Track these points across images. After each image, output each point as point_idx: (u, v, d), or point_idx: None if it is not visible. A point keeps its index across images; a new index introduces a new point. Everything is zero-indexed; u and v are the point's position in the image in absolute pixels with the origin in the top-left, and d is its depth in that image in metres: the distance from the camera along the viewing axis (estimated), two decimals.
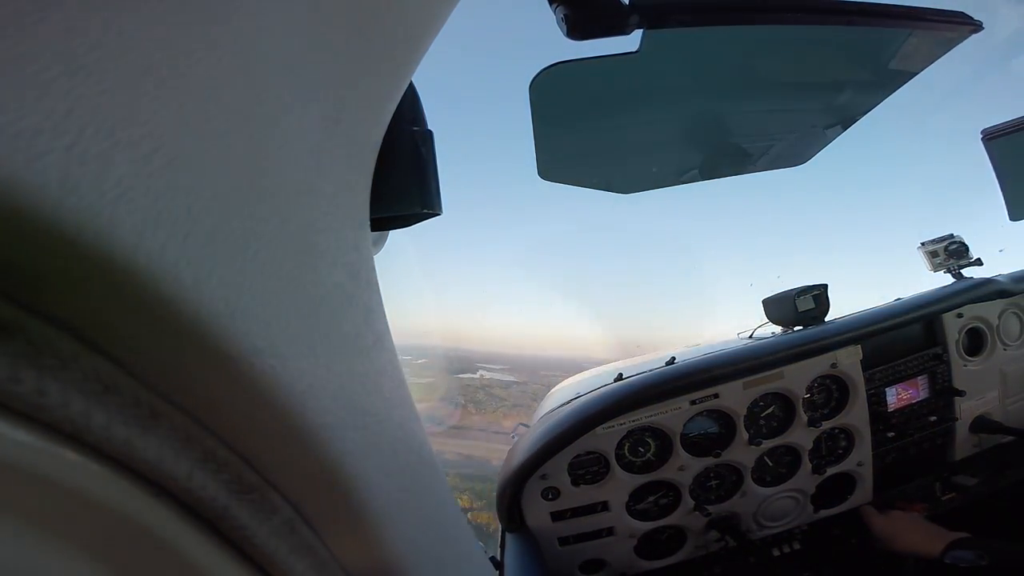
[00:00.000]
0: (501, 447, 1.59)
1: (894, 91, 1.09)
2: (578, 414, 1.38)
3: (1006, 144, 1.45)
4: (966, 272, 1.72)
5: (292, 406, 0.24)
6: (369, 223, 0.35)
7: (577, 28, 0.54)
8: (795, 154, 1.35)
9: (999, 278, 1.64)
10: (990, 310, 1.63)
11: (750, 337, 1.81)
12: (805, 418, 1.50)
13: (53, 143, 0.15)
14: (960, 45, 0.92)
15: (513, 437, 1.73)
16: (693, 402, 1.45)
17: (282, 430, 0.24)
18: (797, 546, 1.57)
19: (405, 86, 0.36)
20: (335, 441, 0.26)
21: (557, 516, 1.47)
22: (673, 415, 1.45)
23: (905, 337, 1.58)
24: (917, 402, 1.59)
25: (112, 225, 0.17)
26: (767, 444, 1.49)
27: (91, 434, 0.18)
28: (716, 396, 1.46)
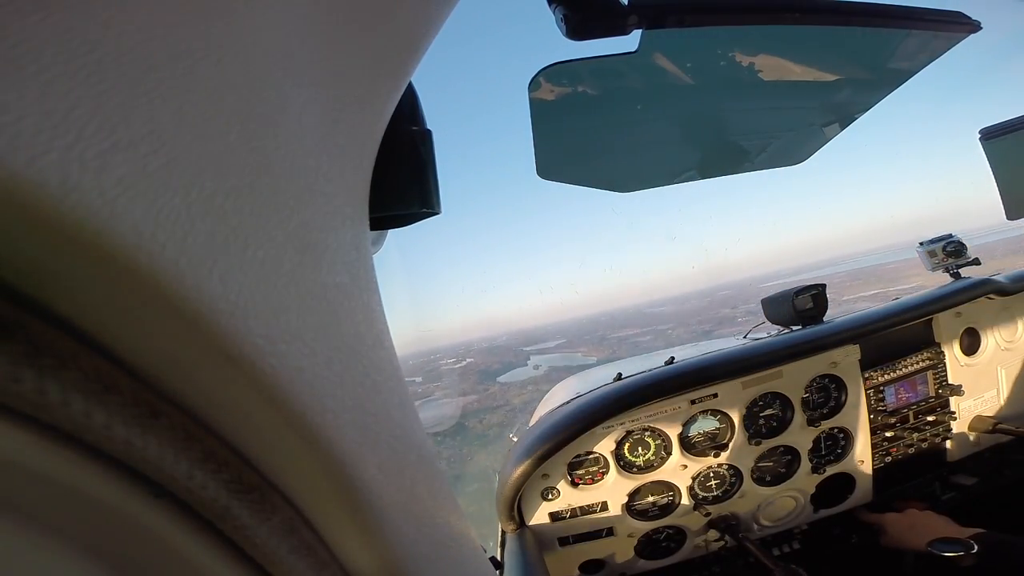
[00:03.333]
0: None
1: (893, 90, 1.10)
2: (578, 414, 1.38)
3: (1004, 143, 1.45)
4: (964, 272, 1.73)
5: (292, 405, 0.24)
6: (368, 222, 0.35)
7: (576, 28, 0.55)
8: (794, 153, 1.36)
9: (997, 278, 1.65)
10: (988, 309, 1.64)
11: (744, 337, 1.81)
12: (804, 418, 1.51)
13: (53, 143, 0.15)
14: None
15: (513, 437, 1.73)
16: (692, 402, 1.45)
17: (282, 430, 0.24)
18: (797, 546, 1.57)
19: (404, 86, 0.36)
20: (335, 441, 0.26)
21: (557, 516, 1.47)
22: (672, 415, 1.45)
23: (904, 337, 1.58)
24: (916, 401, 1.59)
25: (112, 224, 0.17)
26: (766, 444, 1.50)
27: (91, 434, 0.18)
28: (715, 396, 1.46)
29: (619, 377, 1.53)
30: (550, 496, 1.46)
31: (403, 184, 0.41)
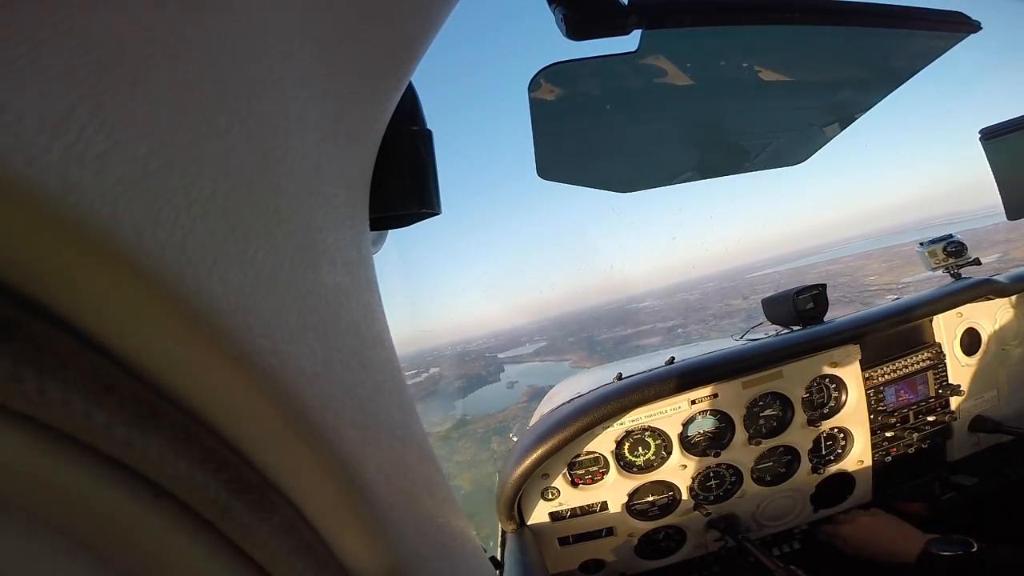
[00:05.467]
0: None
1: (893, 90, 1.10)
2: (578, 413, 1.39)
3: (1004, 143, 1.45)
4: (964, 272, 1.73)
5: (292, 405, 0.24)
6: (368, 222, 0.35)
7: (576, 28, 0.55)
8: (793, 153, 1.36)
9: (997, 278, 1.65)
10: (988, 310, 1.64)
11: (741, 337, 1.82)
12: (804, 418, 1.51)
13: (53, 143, 0.15)
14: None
15: (513, 437, 1.73)
16: (692, 402, 1.45)
17: (282, 429, 0.24)
18: (797, 546, 1.57)
19: (404, 86, 0.36)
20: (335, 440, 0.26)
21: (557, 516, 1.47)
22: (673, 415, 1.45)
23: (904, 337, 1.58)
24: (916, 401, 1.59)
25: (112, 224, 0.17)
26: (766, 444, 1.50)
27: (91, 434, 0.18)
28: (715, 396, 1.46)
29: (619, 377, 1.53)
30: (550, 496, 1.46)
31: (403, 184, 0.41)
